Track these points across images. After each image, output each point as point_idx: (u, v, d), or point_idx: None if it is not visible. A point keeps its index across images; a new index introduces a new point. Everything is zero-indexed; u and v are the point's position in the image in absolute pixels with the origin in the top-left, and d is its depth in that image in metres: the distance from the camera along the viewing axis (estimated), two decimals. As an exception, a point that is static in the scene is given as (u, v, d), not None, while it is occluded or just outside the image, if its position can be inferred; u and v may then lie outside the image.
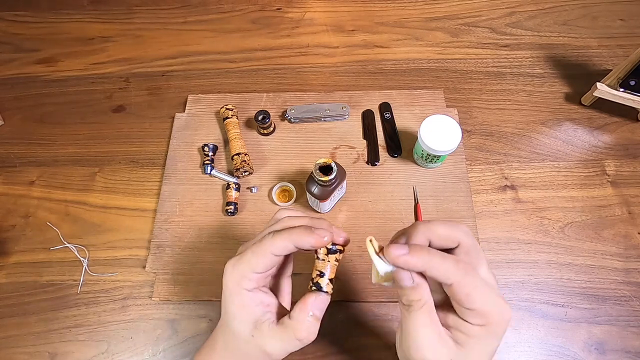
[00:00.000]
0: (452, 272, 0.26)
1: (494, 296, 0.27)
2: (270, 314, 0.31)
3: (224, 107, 0.60)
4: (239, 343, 0.31)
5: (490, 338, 0.27)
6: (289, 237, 0.29)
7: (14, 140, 0.63)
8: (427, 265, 0.26)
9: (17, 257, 0.54)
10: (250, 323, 0.30)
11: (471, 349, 0.27)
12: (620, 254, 0.51)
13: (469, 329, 0.27)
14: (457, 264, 0.27)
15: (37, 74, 0.70)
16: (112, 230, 0.55)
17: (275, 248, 0.29)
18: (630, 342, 0.47)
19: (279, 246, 0.29)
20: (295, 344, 0.30)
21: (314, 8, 0.75)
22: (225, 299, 0.32)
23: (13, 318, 0.51)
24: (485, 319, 0.27)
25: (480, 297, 0.26)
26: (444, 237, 0.29)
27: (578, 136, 0.60)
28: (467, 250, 0.29)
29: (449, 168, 0.57)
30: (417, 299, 0.27)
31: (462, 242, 0.29)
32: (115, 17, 0.76)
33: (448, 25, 0.71)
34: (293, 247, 0.29)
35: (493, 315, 0.27)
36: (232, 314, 0.31)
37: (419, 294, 0.27)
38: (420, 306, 0.27)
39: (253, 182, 0.57)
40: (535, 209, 0.54)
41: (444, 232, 0.29)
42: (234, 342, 0.32)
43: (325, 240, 0.29)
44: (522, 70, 0.66)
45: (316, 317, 0.30)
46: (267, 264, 0.30)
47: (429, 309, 0.28)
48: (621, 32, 0.69)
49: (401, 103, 0.62)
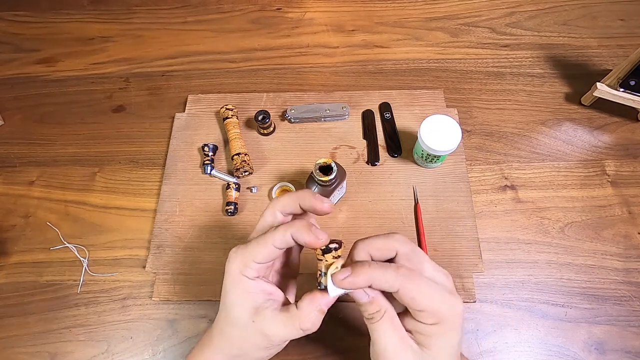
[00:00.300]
0: (393, 279, 0.28)
1: (441, 293, 0.28)
2: (272, 301, 0.32)
3: (224, 107, 0.60)
4: (237, 329, 0.32)
5: (448, 333, 0.29)
6: (290, 230, 0.30)
7: (14, 140, 0.63)
8: (370, 280, 0.28)
9: (17, 257, 0.54)
10: (251, 308, 0.31)
11: (433, 347, 0.29)
12: (620, 254, 0.51)
13: (425, 329, 0.28)
14: (398, 271, 0.28)
15: (37, 74, 0.70)
16: (112, 230, 0.55)
17: (276, 240, 0.30)
18: (630, 342, 0.47)
19: (278, 238, 0.30)
20: (298, 332, 0.31)
21: (314, 8, 0.75)
22: (226, 285, 0.32)
23: (13, 318, 0.51)
24: (437, 317, 0.28)
25: (425, 297, 0.28)
26: (382, 249, 0.30)
27: (578, 136, 0.60)
28: (407, 256, 0.30)
29: (449, 168, 0.57)
30: (375, 311, 0.29)
31: (399, 250, 0.30)
32: (115, 17, 0.76)
33: (448, 25, 0.71)
34: (292, 240, 0.30)
35: (443, 312, 0.28)
36: (231, 300, 0.32)
37: (377, 306, 0.29)
38: (380, 316, 0.29)
39: (253, 182, 0.57)
40: (535, 209, 0.54)
41: (381, 244, 0.30)
42: (232, 329, 0.32)
43: (321, 241, 0.30)
44: (522, 70, 0.66)
45: (322, 311, 0.31)
46: (268, 254, 0.30)
47: (389, 317, 0.29)
48: (621, 32, 0.69)
49: (401, 103, 0.62)
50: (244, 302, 0.31)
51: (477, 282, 0.50)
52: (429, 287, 0.28)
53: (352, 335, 0.48)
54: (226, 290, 0.32)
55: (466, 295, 0.49)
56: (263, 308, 0.31)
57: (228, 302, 0.32)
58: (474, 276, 0.50)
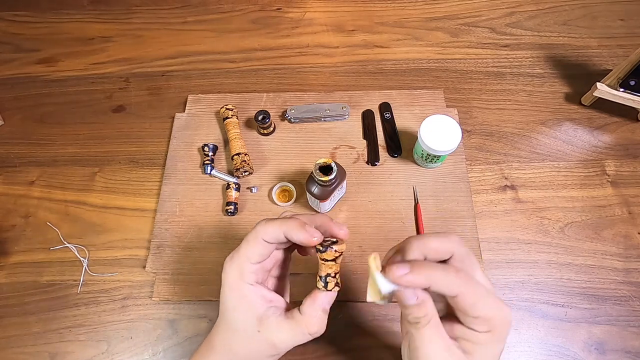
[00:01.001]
0: (455, 284, 0.26)
1: (495, 300, 0.27)
2: (275, 308, 0.31)
3: (224, 107, 0.60)
4: (242, 340, 0.31)
5: (496, 342, 0.28)
6: (280, 226, 0.30)
7: (14, 140, 0.63)
8: (430, 281, 0.27)
9: (17, 257, 0.54)
10: (255, 318, 0.30)
11: (480, 356, 0.27)
12: (620, 254, 0.51)
13: (476, 336, 0.27)
14: (458, 275, 0.27)
15: (37, 74, 0.70)
16: (112, 230, 0.55)
17: (265, 233, 0.30)
18: (630, 342, 0.47)
19: (269, 232, 0.30)
20: (306, 337, 0.30)
21: (314, 8, 0.75)
22: (225, 294, 0.31)
23: (13, 318, 0.51)
24: (491, 325, 0.27)
25: (484, 304, 0.27)
26: (439, 251, 0.29)
27: (578, 136, 0.60)
28: (462, 259, 0.29)
29: (449, 168, 0.57)
30: (423, 315, 0.27)
31: (455, 252, 0.29)
32: (115, 17, 0.76)
33: (448, 25, 0.71)
34: (283, 236, 0.30)
35: (497, 320, 0.27)
36: (233, 308, 0.31)
37: (425, 310, 0.27)
38: (427, 322, 0.27)
39: (253, 182, 0.57)
40: (535, 209, 0.54)
41: (438, 245, 0.29)
42: (237, 339, 0.31)
43: (314, 240, 0.29)
44: (522, 70, 0.66)
45: (326, 311, 0.30)
46: (260, 252, 0.30)
47: (436, 324, 0.28)
48: (621, 32, 0.69)
49: (401, 103, 0.62)
50: (247, 311, 0.31)
51: (477, 282, 0.50)
52: (486, 293, 0.27)
53: (352, 335, 0.48)
54: (226, 298, 0.31)
55: (466, 295, 0.49)
56: (266, 317, 0.30)
57: (229, 312, 0.31)
58: (474, 276, 0.50)
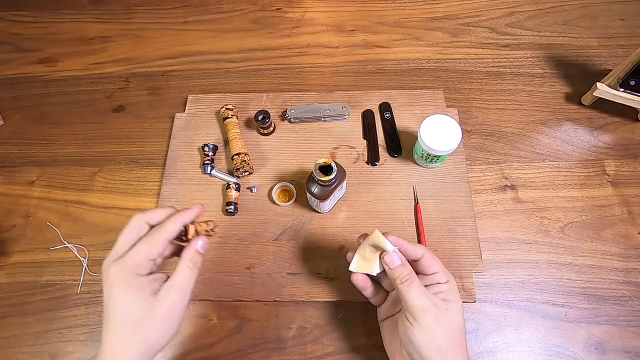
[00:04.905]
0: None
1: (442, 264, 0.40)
2: (159, 281, 0.36)
3: (224, 107, 0.60)
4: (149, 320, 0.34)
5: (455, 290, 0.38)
6: (179, 221, 0.36)
7: (14, 140, 0.63)
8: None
9: (17, 257, 0.54)
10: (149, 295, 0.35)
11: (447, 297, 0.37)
12: (620, 254, 0.51)
13: (441, 286, 0.38)
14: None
15: (37, 74, 0.70)
16: (112, 230, 0.55)
17: (169, 233, 0.36)
18: (630, 342, 0.47)
19: (171, 230, 0.36)
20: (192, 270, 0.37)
21: (314, 8, 0.75)
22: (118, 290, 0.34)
23: (13, 318, 0.51)
24: (447, 275, 0.39)
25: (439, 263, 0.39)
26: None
27: (578, 136, 0.60)
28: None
29: (449, 168, 0.57)
30: (408, 272, 0.37)
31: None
32: (115, 17, 0.76)
33: (448, 25, 0.71)
34: (181, 226, 0.37)
35: (449, 274, 0.39)
36: (130, 300, 0.34)
37: (409, 268, 0.37)
38: (413, 279, 0.37)
39: (253, 182, 0.57)
40: (535, 209, 0.54)
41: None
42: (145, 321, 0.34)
43: (198, 211, 0.38)
44: (522, 70, 0.66)
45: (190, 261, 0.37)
46: (160, 250, 0.36)
47: (418, 282, 0.37)
48: (621, 32, 0.69)
49: (401, 103, 0.62)
50: (145, 294, 0.34)
51: (477, 282, 0.50)
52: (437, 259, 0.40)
53: (352, 335, 0.48)
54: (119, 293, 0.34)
55: (466, 295, 0.49)
56: (158, 289, 0.35)
57: (125, 305, 0.34)
58: (474, 276, 0.50)
